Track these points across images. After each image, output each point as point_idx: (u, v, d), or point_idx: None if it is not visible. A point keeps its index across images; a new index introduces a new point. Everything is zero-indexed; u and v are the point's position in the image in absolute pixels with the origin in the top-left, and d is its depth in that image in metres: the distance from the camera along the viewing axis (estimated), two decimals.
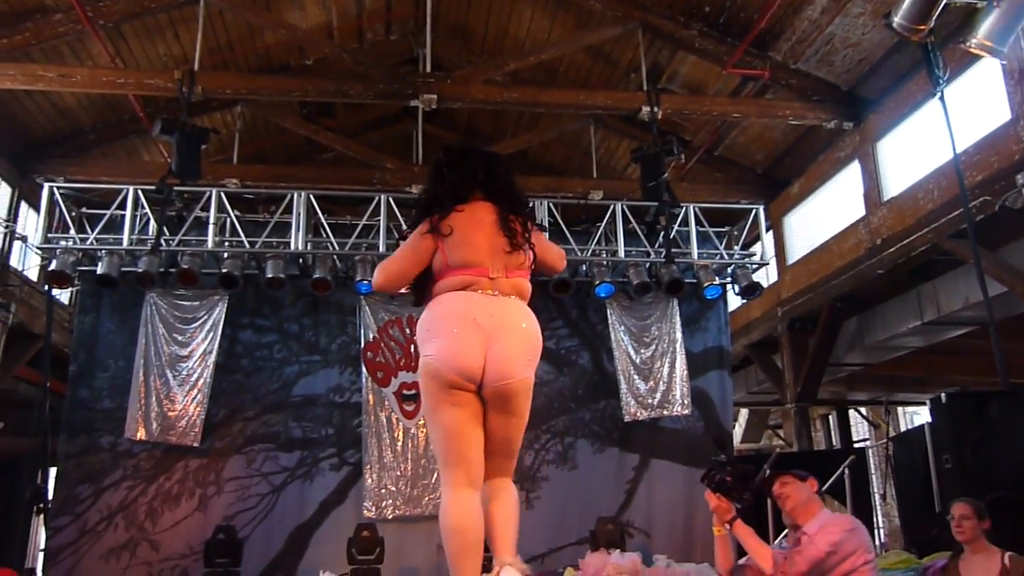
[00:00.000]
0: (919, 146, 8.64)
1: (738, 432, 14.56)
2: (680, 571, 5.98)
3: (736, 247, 9.98)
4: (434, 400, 2.76)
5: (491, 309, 2.75)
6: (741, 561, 3.64)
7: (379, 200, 9.09)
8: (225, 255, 8.89)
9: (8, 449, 10.46)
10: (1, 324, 9.97)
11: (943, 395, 7.23)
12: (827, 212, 10.37)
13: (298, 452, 9.09)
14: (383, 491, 8.88)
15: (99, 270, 8.60)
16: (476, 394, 2.73)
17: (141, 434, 8.69)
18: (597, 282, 9.27)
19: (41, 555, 8.54)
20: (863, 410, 15.64)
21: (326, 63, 10.47)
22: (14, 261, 10.45)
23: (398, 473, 8.97)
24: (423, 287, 2.91)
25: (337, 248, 9.04)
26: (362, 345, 9.29)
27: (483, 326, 2.72)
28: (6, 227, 10.32)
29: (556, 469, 9.36)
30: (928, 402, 8.34)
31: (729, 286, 9.99)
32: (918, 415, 15.75)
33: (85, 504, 8.55)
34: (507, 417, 2.78)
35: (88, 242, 8.83)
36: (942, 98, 6.78)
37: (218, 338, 8.98)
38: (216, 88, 8.68)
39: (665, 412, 9.43)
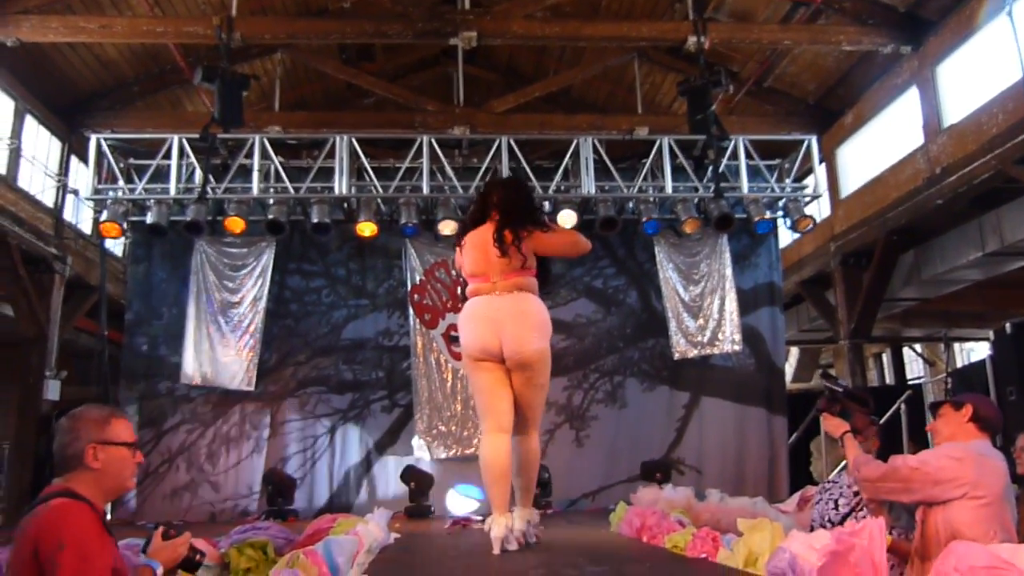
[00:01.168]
0: (983, 69, 8.20)
1: (789, 371, 14.33)
2: (734, 505, 5.90)
3: (787, 180, 9.72)
4: (470, 371, 3.93)
5: (497, 306, 3.78)
6: None
7: (421, 142, 9.02)
8: (271, 201, 8.93)
9: (72, 397, 10.82)
10: (59, 277, 10.23)
11: (1007, 325, 7.02)
12: (883, 142, 9.98)
13: (350, 394, 9.23)
14: (434, 432, 8.98)
15: (148, 220, 8.73)
16: (501, 364, 3.78)
17: (197, 379, 8.89)
18: (644, 219, 9.11)
19: None
20: (918, 347, 15.29)
21: (364, 4, 10.27)
22: (67, 215, 10.64)
23: (449, 414, 9.06)
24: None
25: (381, 191, 9.00)
26: (409, 288, 9.32)
27: (494, 319, 3.76)
28: (58, 182, 10.49)
29: (605, 408, 9.37)
30: (991, 334, 8.12)
31: (780, 221, 9.76)
32: (974, 352, 15.38)
33: (147, 447, 8.78)
34: (526, 381, 3.80)
35: (136, 192, 8.94)
36: (1010, 13, 6.42)
37: (267, 284, 9.07)
38: (255, 33, 8.62)
39: (715, 350, 9.33)
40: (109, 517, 2.15)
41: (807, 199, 9.63)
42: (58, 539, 1.81)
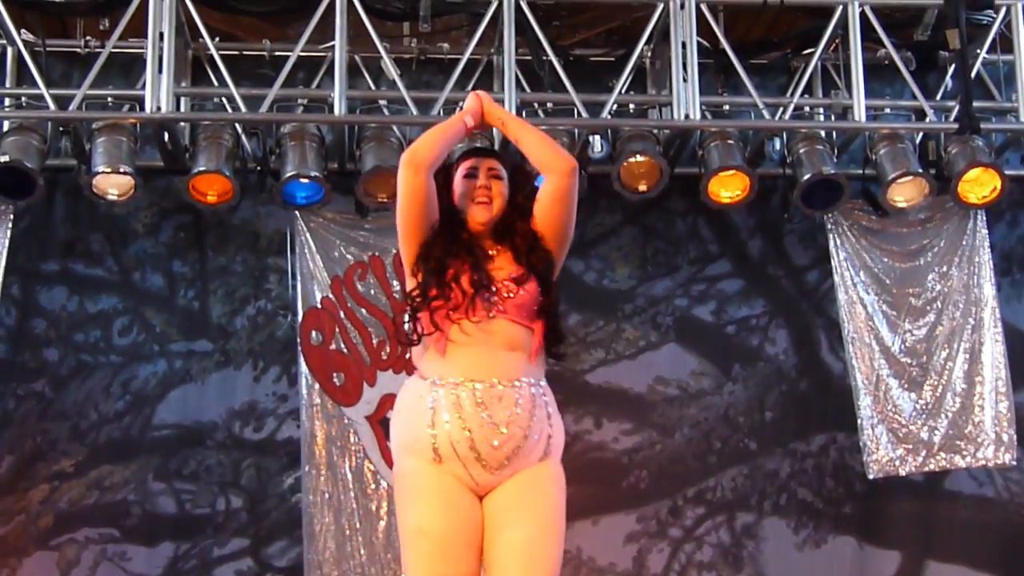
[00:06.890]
0: None
1: None
2: None
3: None
4: None
5: None
6: None
7: (332, 2, 8.47)
8: (4, 127, 8.49)
9: None
10: None
11: None
12: None
13: (169, 545, 8.87)
14: None
15: None
16: None
17: None
18: (805, 177, 8.53)
19: None
20: None
21: None
22: None
23: None
24: None
25: (244, 110, 8.46)
26: (300, 316, 8.92)
27: None
28: None
29: None
30: None
31: None
32: None
33: None
34: None
35: None
36: None
37: None
38: None
39: (958, 460, 8.88)
40: None
41: None
42: None
